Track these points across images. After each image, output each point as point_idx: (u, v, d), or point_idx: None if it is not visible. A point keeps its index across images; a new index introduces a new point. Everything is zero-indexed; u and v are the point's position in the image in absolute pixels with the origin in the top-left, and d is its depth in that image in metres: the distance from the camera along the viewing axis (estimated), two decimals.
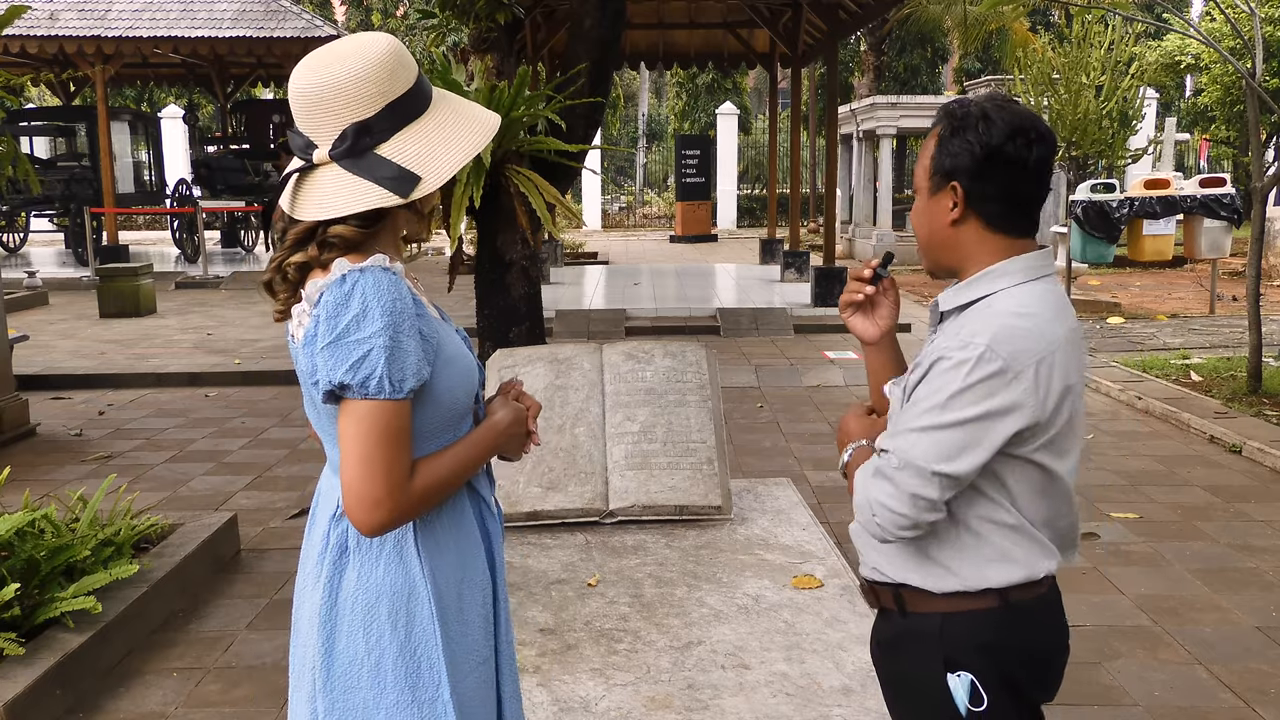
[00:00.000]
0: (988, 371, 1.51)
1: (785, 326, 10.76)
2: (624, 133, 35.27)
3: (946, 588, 1.63)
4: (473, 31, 7.12)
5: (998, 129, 1.58)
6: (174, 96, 28.98)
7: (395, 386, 1.45)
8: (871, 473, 1.59)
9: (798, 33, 13.52)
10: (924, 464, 1.53)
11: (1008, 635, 1.63)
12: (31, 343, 9.47)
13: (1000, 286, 1.61)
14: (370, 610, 1.55)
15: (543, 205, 6.07)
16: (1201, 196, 11.33)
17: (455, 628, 1.59)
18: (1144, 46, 20.82)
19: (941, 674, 1.62)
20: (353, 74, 1.47)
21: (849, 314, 1.83)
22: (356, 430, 1.45)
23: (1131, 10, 9.57)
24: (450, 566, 1.59)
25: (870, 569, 1.73)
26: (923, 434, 1.53)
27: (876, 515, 1.57)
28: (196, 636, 3.84)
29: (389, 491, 1.46)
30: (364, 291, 1.44)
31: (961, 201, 1.61)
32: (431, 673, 1.55)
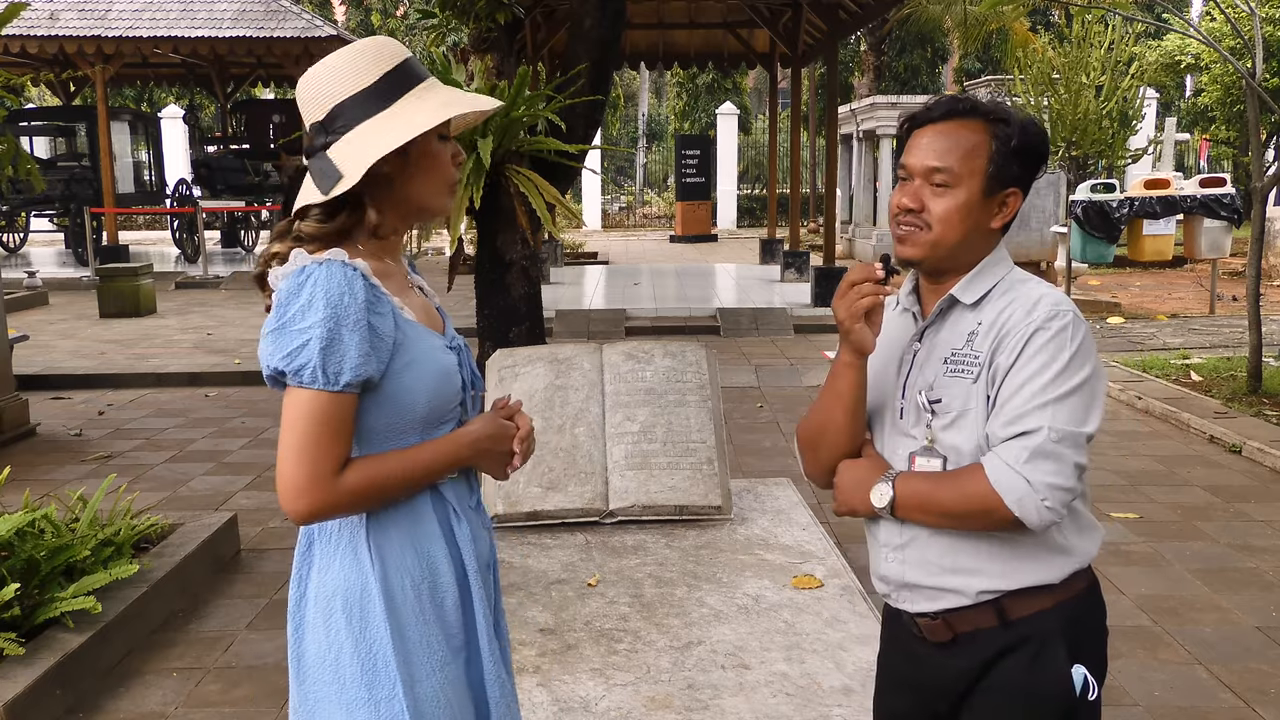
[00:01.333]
0: (1083, 332, 1.56)
1: (785, 326, 10.76)
2: (624, 133, 35.27)
3: (1066, 571, 1.60)
4: (473, 31, 7.12)
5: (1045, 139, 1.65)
6: (174, 96, 28.97)
7: (329, 378, 1.47)
8: (1024, 459, 1.50)
9: (798, 33, 13.52)
10: (1077, 429, 1.51)
11: (1100, 610, 1.65)
12: (31, 343, 9.47)
13: (1004, 272, 1.66)
14: (328, 606, 1.57)
15: (543, 205, 6.07)
16: (1201, 196, 11.33)
17: (414, 628, 1.58)
18: (1144, 46, 20.83)
19: (1067, 668, 1.58)
20: (309, 80, 1.57)
21: (861, 325, 1.63)
22: (289, 417, 1.49)
23: (1131, 10, 9.57)
24: (406, 567, 1.58)
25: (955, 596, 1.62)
26: (1059, 403, 1.51)
27: (1047, 499, 1.49)
28: (196, 636, 3.85)
29: (312, 481, 1.47)
30: (314, 283, 1.48)
31: (1013, 212, 1.64)
32: (387, 672, 1.55)
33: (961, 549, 1.61)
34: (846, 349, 1.67)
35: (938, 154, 1.62)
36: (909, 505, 1.61)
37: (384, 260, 1.62)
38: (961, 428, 1.60)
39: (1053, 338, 1.53)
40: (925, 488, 1.61)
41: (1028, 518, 1.51)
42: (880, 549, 1.72)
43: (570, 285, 13.79)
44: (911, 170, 1.66)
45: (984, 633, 1.62)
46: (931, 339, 1.68)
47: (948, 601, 1.64)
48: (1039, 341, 1.54)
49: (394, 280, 1.62)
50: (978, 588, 1.61)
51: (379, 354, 1.51)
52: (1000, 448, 1.54)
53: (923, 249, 1.64)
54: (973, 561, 1.61)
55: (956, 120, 1.63)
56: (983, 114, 1.62)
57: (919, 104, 1.77)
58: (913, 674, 1.74)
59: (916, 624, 1.69)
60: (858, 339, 1.64)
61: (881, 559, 1.72)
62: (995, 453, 1.54)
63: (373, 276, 1.55)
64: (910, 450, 1.66)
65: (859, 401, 1.70)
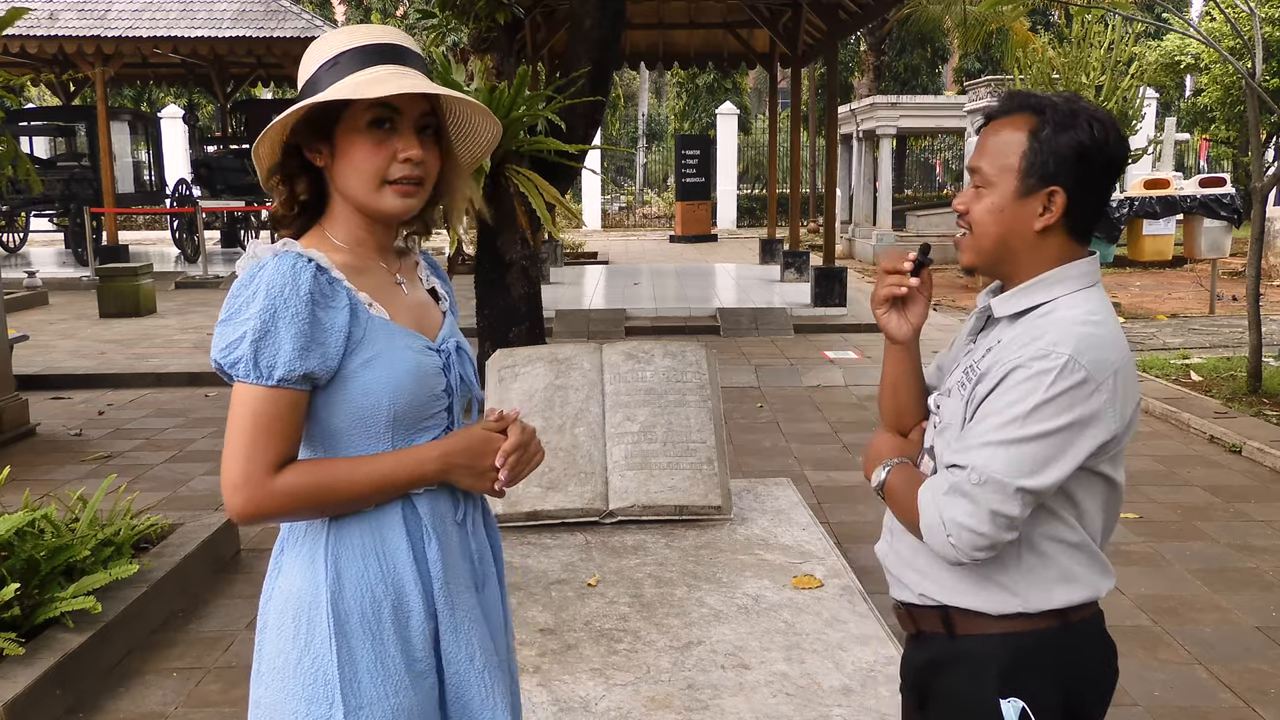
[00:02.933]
0: (1072, 382, 1.43)
1: (785, 326, 10.76)
2: (624, 133, 35.27)
3: (1007, 609, 1.55)
4: (473, 31, 7.12)
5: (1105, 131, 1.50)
6: (174, 96, 28.98)
7: (263, 372, 1.41)
8: (945, 490, 1.49)
9: (798, 33, 13.52)
10: (1006, 479, 1.44)
11: (1068, 656, 1.56)
12: (31, 343, 9.47)
13: (1061, 293, 1.53)
14: (281, 614, 1.51)
15: (542, 205, 6.07)
16: (1201, 196, 11.35)
17: (365, 648, 1.48)
18: (1144, 46, 20.82)
19: (994, 699, 1.54)
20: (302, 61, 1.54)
21: (884, 310, 1.66)
22: (230, 412, 1.45)
23: (1131, 10, 9.57)
24: (366, 583, 1.49)
25: (910, 592, 1.65)
26: (1003, 448, 1.44)
27: (952, 536, 1.47)
28: (196, 636, 3.84)
29: (244, 479, 1.42)
30: (263, 275, 1.43)
31: (1060, 210, 1.51)
32: (327, 691, 1.47)
33: (922, 550, 1.60)
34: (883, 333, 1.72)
35: (980, 153, 1.57)
36: (889, 497, 1.64)
37: (362, 254, 1.55)
38: (944, 438, 1.59)
39: (1029, 378, 1.45)
40: (894, 485, 1.62)
41: (933, 547, 1.52)
42: (884, 529, 1.76)
43: (570, 285, 13.79)
44: (969, 171, 1.62)
45: (936, 638, 1.64)
46: (979, 344, 1.64)
47: (904, 595, 1.67)
48: (1014, 379, 1.46)
49: (371, 276, 1.54)
50: (920, 589, 1.63)
51: (324, 349, 1.44)
52: (938, 474, 1.54)
53: (969, 255, 1.60)
54: (926, 565, 1.62)
55: (1009, 117, 1.55)
56: (1028, 107, 1.53)
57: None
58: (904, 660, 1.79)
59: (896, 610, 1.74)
60: (881, 325, 1.69)
61: (883, 539, 1.76)
62: (931, 478, 1.55)
63: (334, 269, 1.48)
64: (924, 447, 1.69)
65: (898, 384, 1.72)
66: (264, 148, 1.50)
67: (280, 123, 1.48)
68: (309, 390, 1.46)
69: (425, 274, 1.70)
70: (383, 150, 1.49)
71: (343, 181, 1.51)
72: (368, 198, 1.51)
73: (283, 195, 1.52)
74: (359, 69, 1.47)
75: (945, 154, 29.33)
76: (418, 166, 1.51)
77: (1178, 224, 12.44)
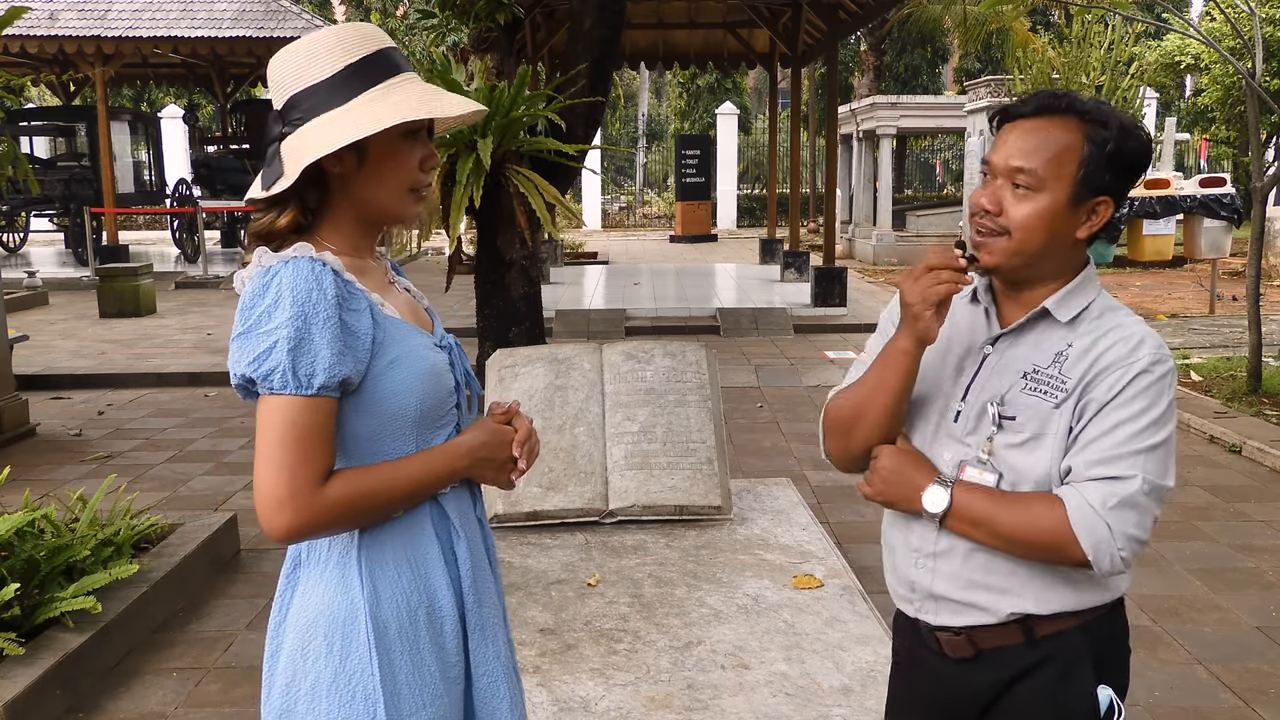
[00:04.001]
0: (1173, 383, 1.52)
1: (785, 326, 10.76)
2: (624, 133, 35.27)
3: (1098, 602, 1.56)
4: (473, 31, 7.13)
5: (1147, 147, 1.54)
6: (174, 96, 28.99)
7: (302, 381, 1.36)
8: (1112, 504, 1.45)
9: (798, 33, 13.52)
10: (1164, 482, 1.48)
11: (1125, 637, 1.63)
12: (31, 343, 9.47)
13: (1095, 293, 1.58)
14: (309, 631, 1.46)
15: (542, 205, 6.07)
16: (1201, 196, 11.36)
17: (403, 659, 1.47)
18: (1144, 46, 20.82)
19: (1093, 688, 1.55)
20: (273, 65, 1.48)
21: (930, 310, 1.51)
22: (264, 426, 1.38)
23: (1131, 10, 9.57)
24: (401, 592, 1.47)
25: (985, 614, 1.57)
26: (1151, 454, 1.47)
27: (1124, 550, 1.45)
28: (196, 636, 3.85)
29: (292, 494, 1.36)
30: (280, 282, 1.38)
31: (1102, 222, 1.53)
32: (367, 704, 1.44)
33: (997, 567, 1.55)
34: (907, 335, 1.54)
35: (1024, 153, 1.49)
36: (964, 518, 1.52)
37: (361, 257, 1.53)
38: (1033, 450, 1.52)
39: (1155, 383, 1.49)
40: (987, 505, 1.51)
41: (1100, 564, 1.46)
42: (909, 553, 1.63)
43: (570, 285, 13.79)
44: (995, 168, 1.53)
45: (1009, 650, 1.57)
46: (1010, 347, 1.58)
47: (973, 618, 1.58)
48: (1141, 384, 1.48)
49: (372, 277, 1.53)
50: (1008, 609, 1.55)
51: (355, 353, 1.41)
52: (1085, 487, 1.46)
53: (1000, 257, 1.53)
54: (1006, 581, 1.55)
55: (1049, 117, 1.50)
56: (1079, 112, 1.50)
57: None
58: (929, 690, 1.68)
59: (936, 638, 1.62)
60: (924, 328, 1.53)
61: (910, 564, 1.63)
62: (1079, 490, 1.46)
63: (345, 272, 1.45)
64: (960, 458, 1.57)
65: (906, 391, 1.59)
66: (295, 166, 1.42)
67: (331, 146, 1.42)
68: (339, 396, 1.43)
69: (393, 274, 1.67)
70: (414, 159, 1.49)
71: (368, 190, 1.48)
72: (398, 206, 1.50)
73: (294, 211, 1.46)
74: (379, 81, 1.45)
75: (945, 154, 29.34)
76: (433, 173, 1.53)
77: (1178, 224, 12.46)
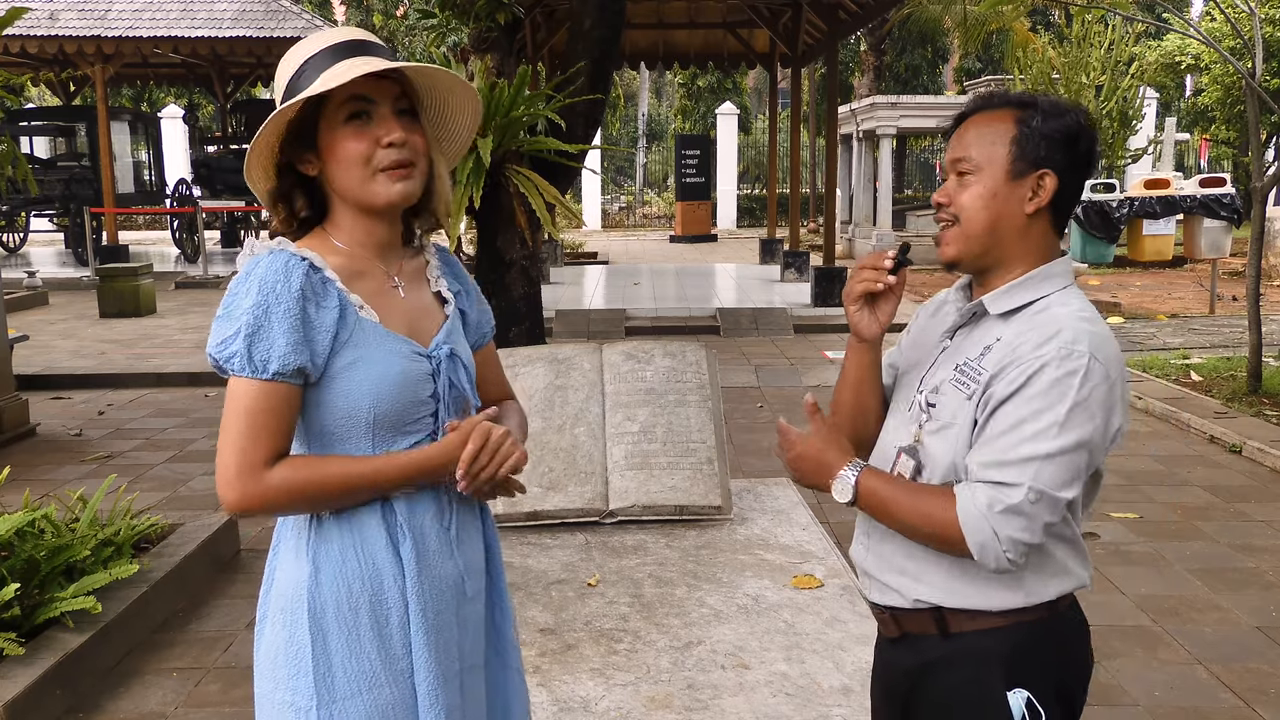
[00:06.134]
0: (1096, 381, 1.46)
1: (785, 326, 10.76)
2: (624, 133, 35.27)
3: (1008, 605, 1.56)
4: (473, 31, 7.12)
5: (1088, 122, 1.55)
6: (174, 96, 28.98)
7: (258, 366, 1.44)
8: (1000, 509, 1.46)
9: (798, 33, 13.52)
10: (1057, 493, 1.46)
11: (1058, 644, 1.60)
12: (31, 343, 9.47)
13: (1049, 290, 1.56)
14: (275, 607, 1.56)
15: (542, 205, 6.07)
16: (1201, 196, 11.36)
17: (339, 642, 1.51)
18: (1144, 46, 20.82)
19: (1002, 693, 1.55)
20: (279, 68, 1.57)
21: (858, 307, 1.65)
22: (226, 406, 1.48)
23: (1131, 10, 9.57)
24: (344, 579, 1.51)
25: (897, 596, 1.63)
26: (1049, 461, 1.45)
27: (1009, 552, 1.47)
28: (196, 636, 3.85)
29: (238, 472, 1.45)
30: (256, 272, 1.46)
31: (1049, 195, 1.54)
32: (305, 680, 1.51)
33: (912, 553, 1.60)
34: (851, 332, 1.70)
35: (963, 145, 1.59)
36: (868, 504, 1.60)
37: (365, 256, 1.56)
38: (944, 439, 1.57)
39: (1058, 381, 1.45)
40: (886, 492, 1.57)
41: (985, 562, 1.50)
42: (858, 532, 1.74)
43: (570, 285, 13.78)
44: (946, 169, 1.63)
45: (926, 638, 1.62)
46: (962, 339, 1.63)
47: (891, 599, 1.65)
48: (1042, 381, 1.46)
49: (367, 280, 1.55)
50: (915, 594, 1.61)
51: (312, 345, 1.46)
52: (978, 488, 1.49)
53: (954, 247, 1.59)
54: (917, 568, 1.60)
55: (987, 112, 1.59)
56: (1012, 103, 1.58)
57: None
58: (878, 666, 1.77)
59: (876, 614, 1.72)
60: (852, 321, 1.68)
61: (856, 541, 1.74)
62: (971, 490, 1.50)
63: (328, 270, 1.50)
64: (900, 445, 1.65)
65: (861, 383, 1.71)
66: (255, 172, 1.53)
67: (263, 143, 1.50)
68: (302, 385, 1.49)
69: (436, 274, 1.69)
70: (365, 139, 1.49)
71: (337, 182, 1.52)
72: (362, 189, 1.51)
73: (282, 215, 1.55)
74: (324, 69, 1.48)
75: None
76: (403, 149, 1.50)
77: (1178, 224, 12.45)
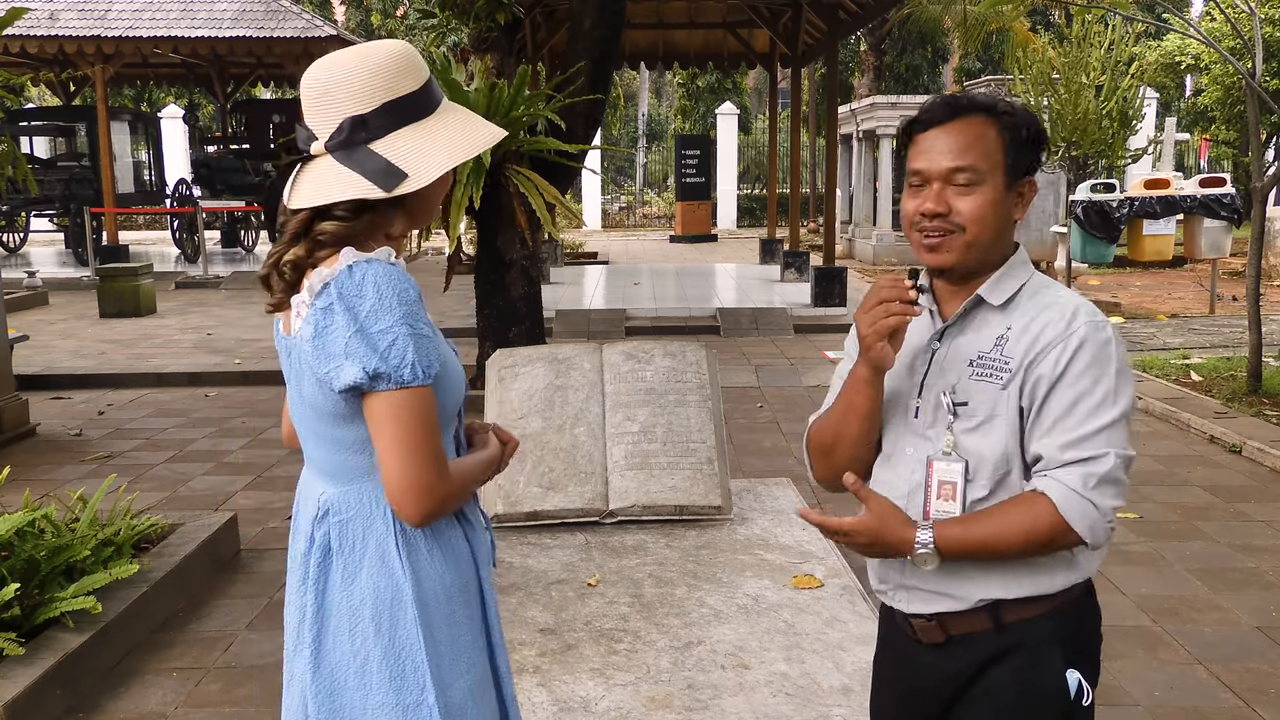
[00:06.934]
0: (1118, 344, 1.57)
1: (785, 326, 10.76)
2: (624, 133, 35.27)
3: (1069, 582, 1.60)
4: (473, 31, 7.13)
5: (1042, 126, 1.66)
6: (174, 96, 28.97)
7: (425, 373, 1.47)
8: (1094, 484, 1.52)
9: (798, 33, 13.52)
10: (1129, 452, 1.55)
11: (1094, 617, 1.66)
12: (31, 343, 9.47)
13: (1027, 274, 1.64)
14: (355, 613, 1.56)
15: (542, 205, 6.07)
16: (1201, 196, 11.34)
17: (444, 632, 1.59)
18: (1144, 46, 20.82)
19: (1061, 673, 1.58)
20: (356, 70, 1.51)
21: (882, 341, 1.57)
22: (396, 419, 1.46)
23: (1131, 10, 9.57)
24: (435, 572, 1.59)
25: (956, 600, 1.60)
26: (1115, 427, 1.53)
27: (1110, 522, 1.54)
28: (196, 636, 3.84)
29: (439, 476, 1.49)
30: (376, 281, 1.45)
31: (1030, 199, 1.64)
32: (416, 676, 1.56)
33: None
34: (865, 364, 1.61)
35: (955, 153, 1.57)
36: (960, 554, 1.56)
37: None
38: (987, 433, 1.57)
39: (1099, 352, 1.54)
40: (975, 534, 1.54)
41: (1095, 540, 1.54)
42: None
43: (570, 285, 13.78)
44: (928, 175, 1.59)
45: (979, 636, 1.61)
46: (954, 339, 1.64)
47: (944, 605, 1.62)
48: (1086, 357, 1.53)
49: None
50: (977, 595, 1.60)
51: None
52: (1061, 473, 1.53)
53: (958, 253, 1.59)
54: (974, 570, 1.59)
55: (962, 119, 1.59)
56: (984, 108, 1.60)
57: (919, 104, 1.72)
58: (905, 675, 1.73)
59: (911, 624, 1.68)
60: (877, 357, 1.58)
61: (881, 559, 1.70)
62: (1057, 479, 1.52)
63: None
64: (927, 454, 1.62)
65: (875, 414, 1.67)
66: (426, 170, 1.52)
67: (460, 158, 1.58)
68: None
69: None
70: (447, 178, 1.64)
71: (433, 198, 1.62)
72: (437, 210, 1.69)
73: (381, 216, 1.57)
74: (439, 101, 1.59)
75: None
76: None
77: (1178, 224, 12.43)
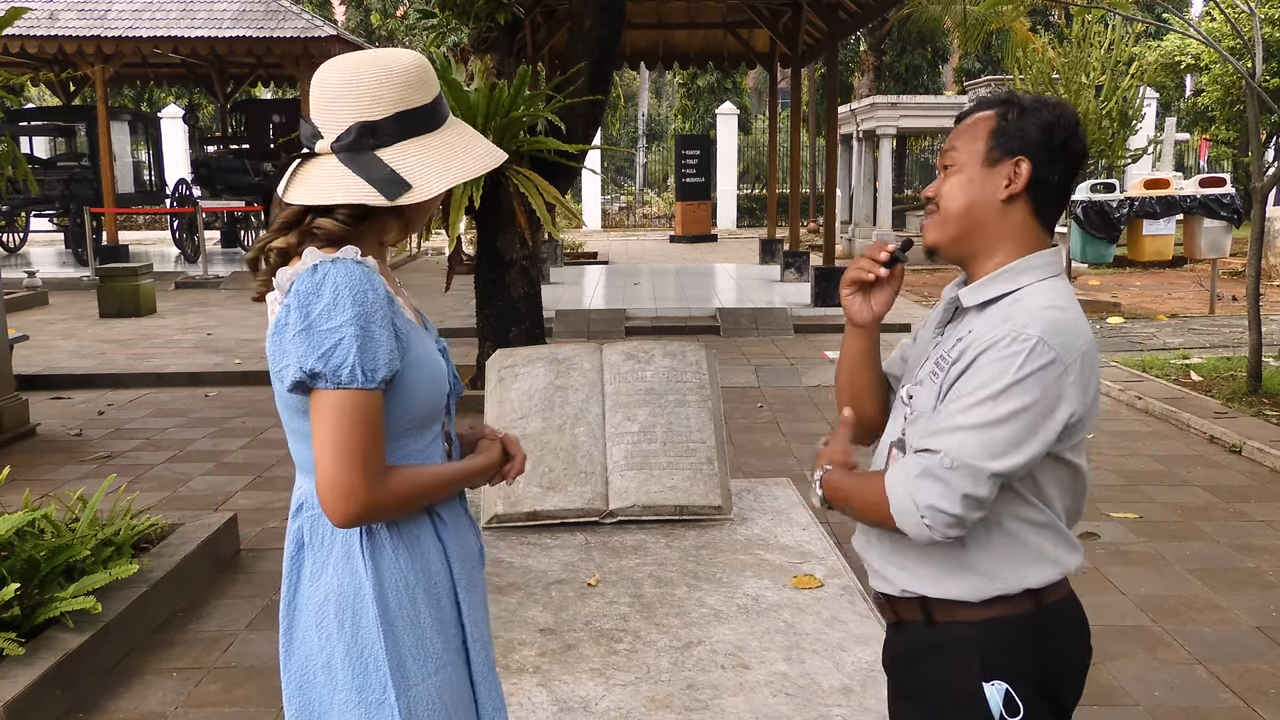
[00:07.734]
0: (1042, 363, 1.47)
1: (785, 326, 10.76)
2: (624, 133, 35.27)
3: (987, 594, 1.58)
4: (473, 31, 7.13)
5: (1068, 118, 1.60)
6: (174, 96, 28.98)
7: (367, 375, 1.45)
8: (917, 474, 1.51)
9: (798, 33, 13.52)
10: (978, 463, 1.47)
11: (1044, 638, 1.61)
12: (31, 343, 9.47)
13: (1026, 282, 1.58)
14: (320, 609, 1.57)
15: (542, 205, 6.07)
16: (1201, 196, 11.34)
17: (407, 632, 1.58)
18: (1144, 46, 20.82)
19: (978, 684, 1.58)
20: (372, 76, 1.52)
21: (850, 291, 1.73)
22: (331, 419, 1.46)
23: (1131, 10, 9.57)
24: (399, 570, 1.58)
25: (891, 585, 1.68)
26: (975, 431, 1.48)
27: (926, 518, 1.50)
28: (196, 636, 3.84)
29: (365, 481, 1.46)
30: (334, 281, 1.45)
31: (1024, 180, 1.57)
32: (378, 674, 1.55)
33: (900, 545, 1.64)
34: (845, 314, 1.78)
35: (951, 144, 1.65)
36: (834, 501, 1.69)
37: (382, 262, 1.63)
38: (918, 430, 1.61)
39: (1000, 359, 1.49)
40: (845, 488, 1.67)
41: (907, 530, 1.54)
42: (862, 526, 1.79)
43: (570, 285, 13.78)
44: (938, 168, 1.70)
45: (915, 625, 1.67)
46: (947, 335, 1.67)
47: (882, 586, 1.71)
48: (985, 360, 1.50)
49: (389, 280, 1.63)
50: (902, 584, 1.66)
51: (398, 350, 1.52)
52: (908, 457, 1.56)
53: (934, 231, 1.65)
54: (904, 559, 1.65)
55: (974, 115, 1.66)
56: (994, 104, 1.64)
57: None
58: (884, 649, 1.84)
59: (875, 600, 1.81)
60: (845, 306, 1.75)
61: (856, 530, 1.79)
62: (900, 463, 1.57)
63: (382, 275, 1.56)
64: (891, 439, 1.70)
65: (854, 367, 1.79)
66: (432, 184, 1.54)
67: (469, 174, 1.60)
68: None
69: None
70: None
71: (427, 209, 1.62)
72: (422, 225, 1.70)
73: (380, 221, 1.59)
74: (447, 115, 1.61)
75: None
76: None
77: (1178, 224, 12.44)
